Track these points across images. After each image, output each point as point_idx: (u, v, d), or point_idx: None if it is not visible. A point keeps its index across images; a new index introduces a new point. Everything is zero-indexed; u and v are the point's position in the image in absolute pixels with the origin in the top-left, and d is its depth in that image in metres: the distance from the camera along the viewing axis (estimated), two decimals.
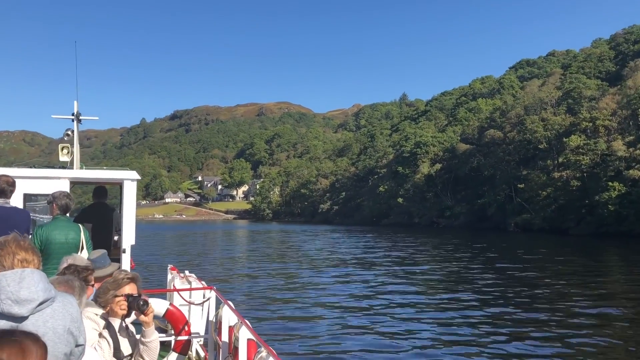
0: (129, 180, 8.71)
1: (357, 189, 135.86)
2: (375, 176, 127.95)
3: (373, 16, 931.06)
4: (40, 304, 2.34)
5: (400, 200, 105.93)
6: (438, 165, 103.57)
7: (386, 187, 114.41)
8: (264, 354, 4.38)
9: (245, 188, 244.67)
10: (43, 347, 1.88)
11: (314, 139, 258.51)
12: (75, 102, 10.69)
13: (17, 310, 2.26)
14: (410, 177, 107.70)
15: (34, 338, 1.88)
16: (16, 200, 6.79)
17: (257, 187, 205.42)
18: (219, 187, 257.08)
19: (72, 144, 10.25)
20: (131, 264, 8.65)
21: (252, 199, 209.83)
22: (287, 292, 20.43)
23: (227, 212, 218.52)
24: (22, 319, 2.28)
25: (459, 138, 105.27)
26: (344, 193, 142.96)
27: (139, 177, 9.13)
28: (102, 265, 4.67)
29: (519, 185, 78.52)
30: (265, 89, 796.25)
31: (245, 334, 5.01)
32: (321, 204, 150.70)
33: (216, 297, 6.62)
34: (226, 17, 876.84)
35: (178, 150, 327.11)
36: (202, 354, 7.77)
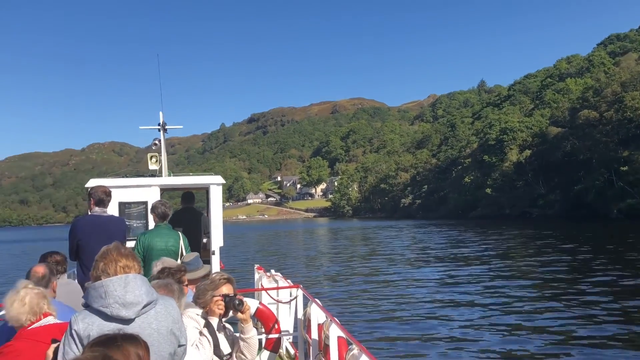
0: (215, 184, 9.14)
1: (440, 181, 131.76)
2: (459, 167, 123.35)
3: (443, 5, 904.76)
4: (145, 306, 2.54)
5: (488, 190, 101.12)
6: (527, 152, 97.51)
7: (472, 177, 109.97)
8: (355, 351, 4.28)
9: (323, 186, 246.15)
10: (144, 348, 2.03)
11: (390, 132, 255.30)
12: (160, 113, 11.18)
13: (124, 313, 2.47)
14: (498, 166, 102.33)
15: (134, 340, 2.02)
16: (112, 209, 7.08)
17: (335, 184, 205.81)
18: (298, 186, 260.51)
19: (159, 153, 10.64)
20: (220, 265, 8.88)
21: (330, 196, 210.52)
22: (374, 291, 19.56)
23: (307, 211, 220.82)
24: (129, 321, 2.49)
25: (548, 122, 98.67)
26: (426, 186, 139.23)
27: (224, 182, 9.48)
28: (195, 267, 4.97)
29: (620, 168, 72.18)
30: (338, 87, 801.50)
31: (335, 332, 4.88)
32: (402, 199, 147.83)
33: (303, 295, 6.53)
34: (296, 21, 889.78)
35: (257, 152, 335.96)
36: (292, 351, 7.89)
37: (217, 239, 8.94)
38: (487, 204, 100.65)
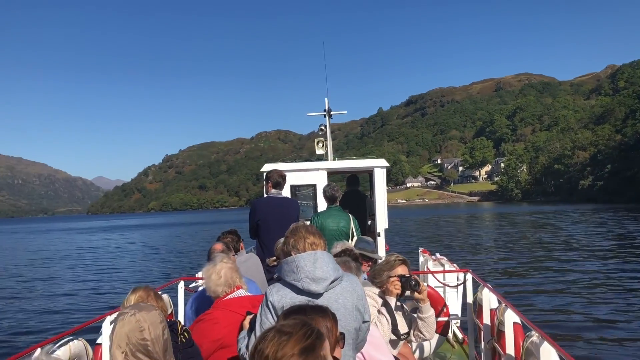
0: (379, 167, 9.35)
1: (626, 160, 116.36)
2: None
3: None
4: (332, 282, 2.66)
5: None
6: None
7: None
8: (535, 338, 4.08)
9: (488, 168, 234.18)
10: (333, 320, 2.08)
11: (563, 108, 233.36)
12: (326, 99, 11.51)
13: (314, 287, 2.61)
14: None
15: (322, 311, 2.07)
16: (285, 191, 7.52)
17: (502, 165, 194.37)
18: (460, 168, 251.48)
19: (325, 138, 11.07)
20: (386, 247, 9.00)
21: (496, 179, 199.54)
22: (554, 283, 17.89)
23: (470, 194, 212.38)
24: (318, 295, 2.63)
25: None
26: (609, 166, 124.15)
27: (388, 165, 9.63)
28: (371, 248, 5.11)
29: None
30: (501, 63, 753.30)
31: (511, 317, 4.70)
32: (581, 180, 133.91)
33: (472, 279, 6.39)
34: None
35: (415, 135, 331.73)
36: (459, 335, 7.82)
37: (381, 221, 9.12)
38: None
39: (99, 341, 4.55)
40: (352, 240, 6.61)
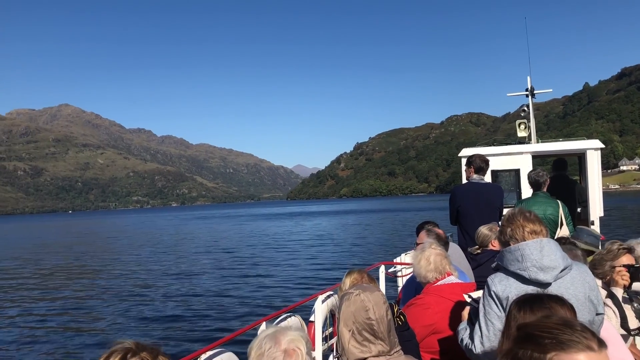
0: (592, 149, 8.64)
1: None
2: None
3: None
4: (561, 271, 2.52)
5: None
6: None
7: None
8: None
9: None
10: (571, 310, 1.97)
11: None
12: (528, 78, 10.93)
13: (542, 276, 2.49)
14: None
15: (560, 300, 1.98)
16: (485, 177, 7.23)
17: None
18: None
19: (528, 119, 10.41)
20: (600, 237, 7.91)
21: None
22: None
23: None
24: (546, 285, 2.50)
25: None
26: None
27: (602, 146, 8.89)
28: (594, 243, 4.80)
29: None
30: None
31: None
32: None
33: None
34: None
35: (630, 111, 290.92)
36: None
37: (595, 209, 8.52)
38: None
39: (311, 319, 4.84)
40: (560, 228, 6.25)
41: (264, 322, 3.98)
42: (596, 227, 8.29)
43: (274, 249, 34.32)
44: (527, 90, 10.71)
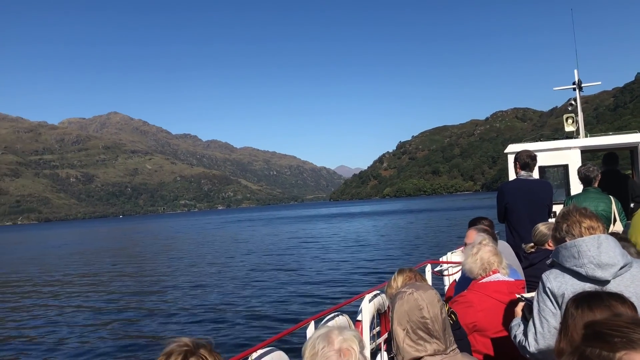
0: None
1: None
2: None
3: None
4: (620, 268, 2.46)
5: None
6: None
7: None
8: None
9: None
10: (632, 308, 1.89)
11: None
12: (575, 71, 10.66)
13: (600, 274, 2.43)
14: None
15: (621, 298, 1.92)
16: (533, 173, 7.13)
17: None
18: None
19: (576, 113, 10.18)
20: None
21: None
22: None
23: None
24: (604, 282, 2.44)
25: None
26: None
27: None
28: None
29: None
30: None
31: None
32: None
33: None
34: None
35: None
36: None
37: None
38: None
39: (358, 318, 4.84)
40: (614, 225, 6.00)
41: (312, 322, 4.03)
42: None
43: (318, 250, 34.53)
44: (574, 83, 10.47)
